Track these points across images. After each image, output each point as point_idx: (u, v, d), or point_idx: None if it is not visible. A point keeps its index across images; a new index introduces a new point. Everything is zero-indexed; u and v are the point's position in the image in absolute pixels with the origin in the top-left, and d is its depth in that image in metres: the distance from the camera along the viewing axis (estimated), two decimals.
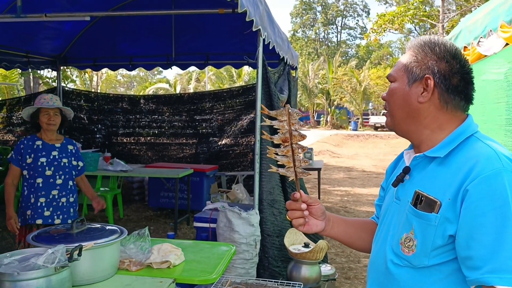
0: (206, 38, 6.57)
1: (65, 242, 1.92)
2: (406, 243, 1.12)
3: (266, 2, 3.83)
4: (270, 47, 4.07)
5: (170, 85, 34.33)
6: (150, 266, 2.24)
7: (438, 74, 1.14)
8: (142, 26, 6.57)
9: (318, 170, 7.74)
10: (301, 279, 3.03)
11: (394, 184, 1.24)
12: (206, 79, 31.45)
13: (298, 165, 1.25)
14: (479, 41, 3.50)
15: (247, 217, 3.52)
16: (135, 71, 17.18)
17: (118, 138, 8.06)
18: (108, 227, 2.26)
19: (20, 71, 10.37)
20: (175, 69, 9.84)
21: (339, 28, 61.82)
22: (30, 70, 7.32)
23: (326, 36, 61.69)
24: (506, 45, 3.17)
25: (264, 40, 3.69)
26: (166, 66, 7.11)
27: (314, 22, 59.86)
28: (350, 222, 1.47)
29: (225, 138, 7.78)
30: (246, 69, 27.01)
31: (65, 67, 9.08)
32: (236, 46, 6.44)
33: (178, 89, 31.48)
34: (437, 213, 1.06)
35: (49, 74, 11.42)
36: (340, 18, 61.38)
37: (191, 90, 30.16)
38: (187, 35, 6.62)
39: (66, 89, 8.13)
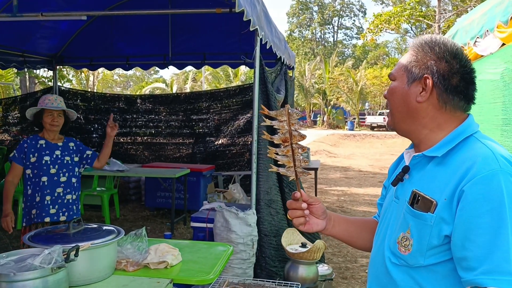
0: (203, 37, 6.55)
1: (61, 243, 1.91)
2: (403, 242, 1.12)
3: (263, 2, 3.82)
4: (267, 47, 4.07)
5: (166, 84, 34.24)
6: (147, 267, 2.23)
7: (437, 74, 1.13)
8: (139, 26, 6.55)
9: (315, 170, 7.76)
10: (298, 279, 3.03)
11: (394, 183, 1.24)
12: (202, 79, 31.42)
13: (298, 164, 1.26)
14: (476, 41, 3.51)
15: (244, 217, 3.52)
16: (132, 71, 17.14)
17: (115, 138, 8.01)
18: (105, 227, 2.25)
19: (16, 71, 10.34)
20: (172, 68, 9.81)
21: (336, 28, 62.02)
22: (26, 69, 7.28)
23: (322, 36, 61.90)
24: (503, 45, 3.18)
25: (261, 40, 3.69)
26: (162, 66, 7.08)
27: (311, 22, 59.95)
28: (351, 221, 1.47)
29: (221, 138, 7.78)
30: (243, 69, 27.03)
31: (61, 67, 9.04)
32: (233, 45, 6.43)
33: (175, 88, 31.43)
34: (432, 213, 1.06)
35: (45, 73, 11.37)
36: (336, 18, 61.57)
37: (188, 90, 30.12)
38: (184, 35, 6.59)
39: (62, 88, 8.12)
